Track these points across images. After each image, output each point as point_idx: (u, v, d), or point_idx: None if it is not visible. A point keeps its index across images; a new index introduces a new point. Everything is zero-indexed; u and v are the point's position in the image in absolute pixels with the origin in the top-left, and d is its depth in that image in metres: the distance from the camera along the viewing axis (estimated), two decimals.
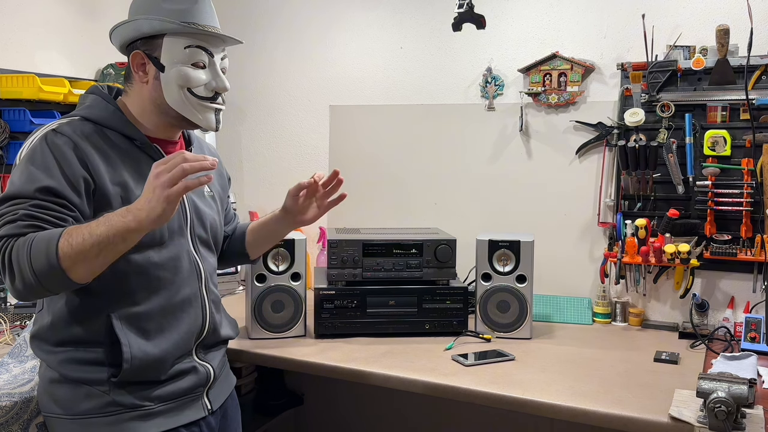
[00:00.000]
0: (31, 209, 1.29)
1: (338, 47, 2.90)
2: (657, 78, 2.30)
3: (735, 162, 2.24)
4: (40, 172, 1.32)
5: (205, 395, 1.55)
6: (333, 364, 1.95)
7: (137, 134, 1.47)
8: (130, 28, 1.45)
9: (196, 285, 1.53)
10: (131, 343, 1.40)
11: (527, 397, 1.71)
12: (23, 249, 1.25)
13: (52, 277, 1.25)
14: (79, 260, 1.25)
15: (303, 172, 3.00)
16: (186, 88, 1.45)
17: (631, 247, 2.30)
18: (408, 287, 2.22)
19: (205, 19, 1.47)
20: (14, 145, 2.32)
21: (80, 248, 1.24)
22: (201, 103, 1.47)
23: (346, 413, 2.96)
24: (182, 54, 1.44)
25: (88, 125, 1.42)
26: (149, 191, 1.25)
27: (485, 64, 2.62)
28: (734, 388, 1.45)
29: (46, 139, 1.36)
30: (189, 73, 1.44)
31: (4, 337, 2.02)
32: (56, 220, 1.31)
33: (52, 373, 1.44)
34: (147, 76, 1.46)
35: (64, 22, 2.62)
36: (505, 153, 2.64)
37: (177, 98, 1.45)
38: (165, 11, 1.42)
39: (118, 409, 1.41)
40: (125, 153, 1.44)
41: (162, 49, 1.43)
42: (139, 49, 1.45)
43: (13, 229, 1.28)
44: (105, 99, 1.48)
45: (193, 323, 1.51)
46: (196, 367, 1.52)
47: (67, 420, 1.41)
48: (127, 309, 1.41)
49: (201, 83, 1.46)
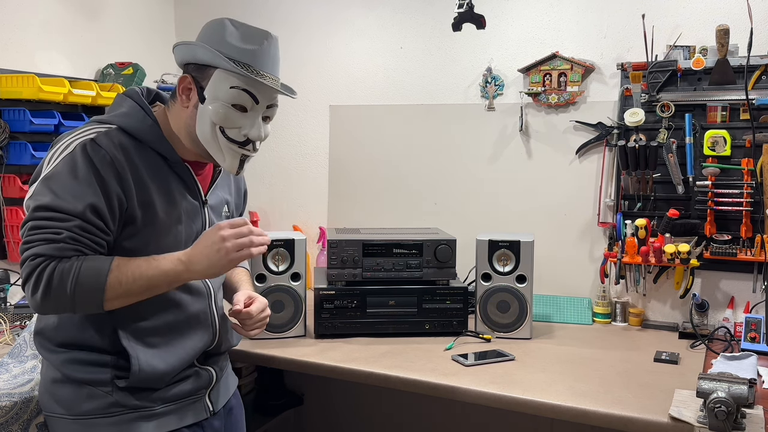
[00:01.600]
0: (75, 231, 1.29)
1: (338, 47, 2.90)
2: (657, 78, 2.30)
3: (735, 162, 2.24)
4: (84, 188, 1.30)
5: (207, 397, 1.55)
6: (333, 364, 1.95)
7: (171, 153, 1.44)
8: (189, 50, 1.42)
9: (205, 302, 1.53)
10: (140, 356, 1.40)
11: (527, 397, 1.71)
12: (69, 275, 1.27)
13: (90, 304, 1.31)
14: (122, 296, 1.32)
15: (303, 172, 3.01)
16: (219, 126, 1.40)
17: (631, 247, 2.30)
18: (408, 287, 2.22)
19: (265, 66, 1.41)
20: (14, 145, 2.32)
21: (128, 287, 1.31)
22: (229, 146, 1.42)
23: (346, 413, 2.96)
24: (226, 93, 1.39)
25: (125, 137, 1.39)
26: (212, 250, 1.33)
27: (485, 64, 2.62)
28: (734, 388, 1.45)
29: (86, 149, 1.32)
30: (226, 113, 1.39)
31: (4, 337, 2.02)
32: (96, 246, 1.32)
33: (54, 372, 1.44)
34: (189, 102, 1.42)
35: (64, 22, 2.62)
36: (505, 153, 2.64)
37: (207, 133, 1.41)
38: (227, 46, 1.38)
39: (121, 409, 1.40)
40: (155, 171, 1.42)
41: (209, 81, 1.39)
42: (190, 74, 1.41)
43: (56, 250, 1.28)
44: (144, 109, 1.44)
45: (201, 338, 1.52)
46: (198, 371, 1.52)
47: (68, 420, 1.41)
48: (135, 324, 1.41)
49: (236, 126, 1.41)
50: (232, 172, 1.47)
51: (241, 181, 1.75)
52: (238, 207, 1.73)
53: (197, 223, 1.50)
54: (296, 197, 3.02)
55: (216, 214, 1.57)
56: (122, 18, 2.86)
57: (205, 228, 1.51)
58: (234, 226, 1.35)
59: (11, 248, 2.35)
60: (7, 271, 2.32)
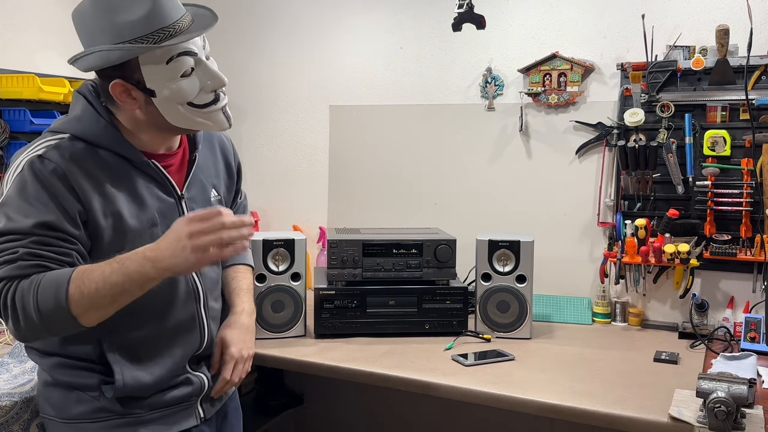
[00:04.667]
0: (31, 246, 1.21)
1: (338, 47, 2.90)
2: (657, 78, 2.30)
3: (735, 162, 2.24)
4: (32, 207, 1.23)
5: (199, 404, 1.50)
6: (333, 364, 1.95)
7: (132, 153, 1.35)
8: (95, 59, 1.25)
9: (193, 307, 1.46)
10: (123, 372, 1.35)
11: (527, 397, 1.71)
12: (29, 294, 1.19)
13: (61, 323, 1.22)
14: (91, 308, 1.21)
15: (303, 172, 3.01)
16: (185, 102, 1.31)
17: (631, 247, 2.30)
18: (408, 287, 2.22)
19: (169, 15, 1.26)
20: (14, 145, 2.32)
21: (93, 296, 1.20)
22: (204, 111, 1.33)
23: (346, 413, 2.96)
24: (167, 70, 1.27)
25: (78, 145, 1.30)
26: (177, 248, 1.19)
27: (485, 64, 2.62)
28: (734, 388, 1.45)
29: (32, 167, 1.25)
30: (183, 87, 1.29)
31: (4, 337, 2.02)
32: (60, 256, 1.24)
33: (45, 375, 1.42)
34: (136, 102, 1.30)
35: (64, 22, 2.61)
36: (505, 153, 2.64)
37: (180, 115, 1.32)
38: (123, 28, 1.22)
39: (109, 415, 1.37)
40: (119, 176, 1.33)
41: (142, 73, 1.26)
42: (116, 79, 1.27)
43: (15, 270, 1.20)
44: (97, 109, 1.33)
45: (189, 345, 1.46)
46: (189, 378, 1.47)
47: (59, 423, 1.40)
48: (119, 336, 1.35)
49: (197, 91, 1.31)
50: (223, 129, 1.39)
51: (230, 155, 1.63)
52: (230, 188, 1.63)
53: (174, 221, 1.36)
54: (296, 197, 3.02)
55: (200, 205, 1.45)
56: None
57: None
58: (203, 219, 1.20)
59: None
60: None
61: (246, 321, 1.60)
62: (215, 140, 1.59)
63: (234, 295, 1.63)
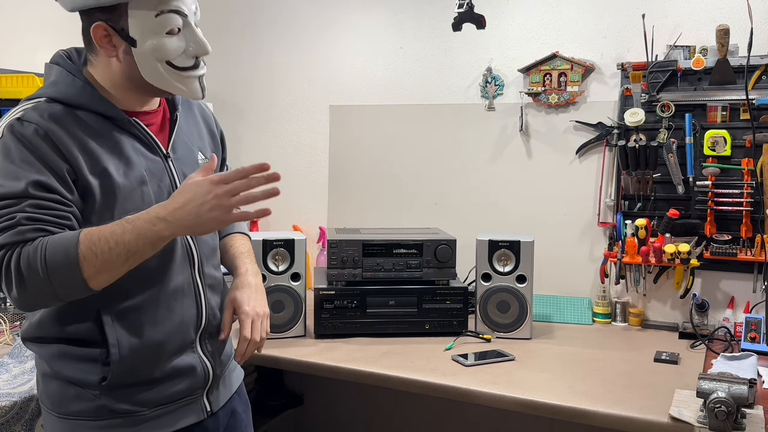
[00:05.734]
0: (29, 210, 1.18)
1: (338, 47, 2.90)
2: (657, 78, 2.30)
3: (735, 162, 2.24)
4: (21, 169, 1.19)
5: (205, 396, 1.43)
6: (333, 364, 1.95)
7: (113, 111, 1.31)
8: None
9: (188, 272, 1.40)
10: (120, 342, 1.30)
11: (527, 397, 1.71)
12: (35, 258, 1.15)
13: (70, 286, 1.18)
14: (103, 269, 1.18)
15: (303, 172, 3.01)
16: (165, 60, 1.28)
17: (631, 247, 2.30)
18: (408, 287, 2.22)
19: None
20: None
21: (106, 256, 1.17)
22: (182, 74, 1.31)
23: (346, 413, 2.96)
24: (154, 23, 1.25)
25: (57, 107, 1.26)
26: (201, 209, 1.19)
27: (485, 64, 2.62)
28: (734, 388, 1.45)
29: (12, 130, 1.21)
30: (165, 44, 1.27)
31: (4, 337, 2.02)
32: (59, 219, 1.20)
33: (44, 366, 1.35)
34: (116, 50, 1.27)
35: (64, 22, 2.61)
36: (505, 153, 2.64)
37: (156, 73, 1.29)
38: None
39: (108, 414, 1.32)
40: (102, 135, 1.29)
41: (128, 20, 1.24)
42: (100, 21, 1.24)
43: (15, 236, 1.17)
44: (72, 72, 1.30)
45: (186, 313, 1.39)
46: (194, 366, 1.40)
47: (56, 417, 1.34)
48: (117, 303, 1.30)
49: (180, 52, 1.29)
50: (196, 98, 1.37)
51: (212, 123, 1.60)
52: (218, 150, 1.58)
53: (165, 181, 1.36)
54: (296, 197, 3.02)
55: (188, 165, 1.42)
56: None
57: (174, 184, 1.38)
58: (229, 180, 1.21)
59: None
60: None
61: (252, 280, 1.56)
62: (194, 106, 1.56)
63: (235, 258, 1.60)
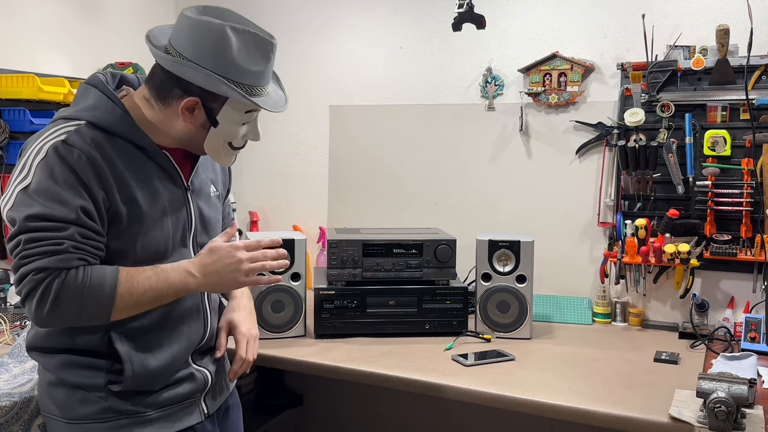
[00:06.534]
0: (76, 239, 1.26)
1: (338, 47, 2.90)
2: (657, 78, 2.30)
3: (735, 162, 2.24)
4: (68, 192, 1.26)
5: (203, 400, 1.52)
6: (333, 364, 1.95)
7: (147, 142, 1.38)
8: (198, 75, 1.32)
9: (197, 296, 1.49)
10: (132, 360, 1.37)
11: (527, 397, 1.71)
12: (76, 287, 1.25)
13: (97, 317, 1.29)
14: (132, 308, 1.31)
15: (303, 172, 3.02)
16: (228, 141, 1.44)
17: (631, 247, 2.30)
18: (408, 287, 2.22)
19: (267, 78, 1.42)
20: (14, 145, 2.32)
21: (139, 298, 1.30)
22: (232, 151, 1.47)
23: (346, 413, 2.96)
24: (239, 116, 1.40)
25: (96, 132, 1.32)
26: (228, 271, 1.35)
27: (485, 64, 2.62)
28: (734, 388, 1.45)
29: (57, 152, 1.27)
30: (237, 132, 1.43)
31: (4, 337, 2.02)
32: (96, 251, 1.30)
33: (49, 376, 1.42)
34: (193, 119, 1.38)
35: (64, 22, 2.62)
36: (505, 153, 2.64)
37: (214, 147, 1.43)
38: (235, 68, 1.32)
39: (115, 415, 1.38)
40: (133, 164, 1.36)
41: (222, 108, 1.37)
42: (195, 97, 1.35)
43: (61, 261, 1.24)
44: (111, 98, 1.36)
45: (193, 334, 1.48)
46: (193, 373, 1.48)
47: (63, 423, 1.39)
48: (126, 324, 1.37)
49: (242, 136, 1.45)
50: (225, 165, 1.53)
51: None
52: (225, 184, 1.69)
53: (182, 213, 1.45)
54: (296, 197, 3.02)
55: (202, 198, 1.52)
56: (122, 18, 2.86)
57: (190, 218, 1.47)
58: (250, 248, 1.37)
59: None
60: (7, 271, 2.32)
61: (247, 303, 1.67)
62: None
63: None
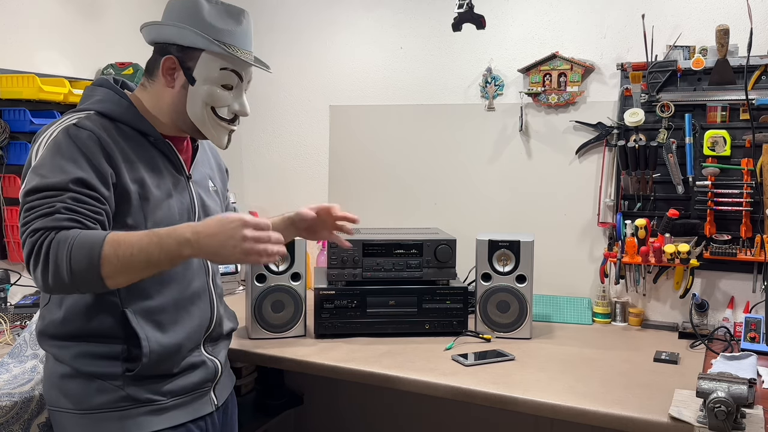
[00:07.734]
0: (69, 202, 1.29)
1: (338, 47, 2.90)
2: (657, 78, 2.31)
3: (735, 162, 2.24)
4: (70, 164, 1.31)
5: (213, 390, 1.57)
6: (333, 364, 1.95)
7: (151, 130, 1.47)
8: (171, 31, 1.43)
9: (204, 279, 1.55)
10: (149, 337, 1.41)
11: (527, 397, 1.71)
12: (63, 247, 1.24)
13: (88, 281, 1.27)
14: (122, 272, 1.28)
15: (303, 172, 3.02)
16: (210, 106, 1.47)
17: (631, 247, 2.30)
18: (408, 287, 2.22)
19: (245, 43, 1.49)
20: (14, 145, 2.32)
21: (126, 261, 1.26)
22: (219, 123, 1.49)
23: (346, 413, 2.96)
24: (216, 74, 1.45)
25: (104, 120, 1.42)
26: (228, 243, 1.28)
27: (485, 64, 2.63)
28: (734, 388, 1.46)
29: (68, 132, 1.35)
30: (217, 94, 1.46)
31: (4, 337, 2.02)
32: (93, 214, 1.32)
33: (63, 368, 1.43)
34: (174, 82, 1.46)
35: (64, 22, 2.62)
36: (505, 153, 2.64)
37: (199, 113, 1.47)
38: (209, 27, 1.42)
39: (131, 403, 1.42)
40: (139, 149, 1.45)
41: (197, 63, 1.44)
42: (173, 55, 1.44)
43: (51, 221, 1.27)
44: (117, 93, 1.47)
45: (203, 315, 1.54)
46: (205, 361, 1.54)
47: (76, 415, 1.41)
48: (142, 303, 1.42)
49: (225, 104, 1.48)
50: (221, 146, 1.54)
51: (220, 159, 1.78)
52: (224, 182, 1.76)
53: (185, 198, 1.52)
54: (296, 197, 3.02)
55: (202, 189, 1.59)
56: (122, 18, 2.85)
57: (193, 203, 1.54)
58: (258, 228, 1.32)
59: (11, 248, 2.35)
60: (7, 271, 2.32)
61: None
62: (205, 143, 1.72)
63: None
